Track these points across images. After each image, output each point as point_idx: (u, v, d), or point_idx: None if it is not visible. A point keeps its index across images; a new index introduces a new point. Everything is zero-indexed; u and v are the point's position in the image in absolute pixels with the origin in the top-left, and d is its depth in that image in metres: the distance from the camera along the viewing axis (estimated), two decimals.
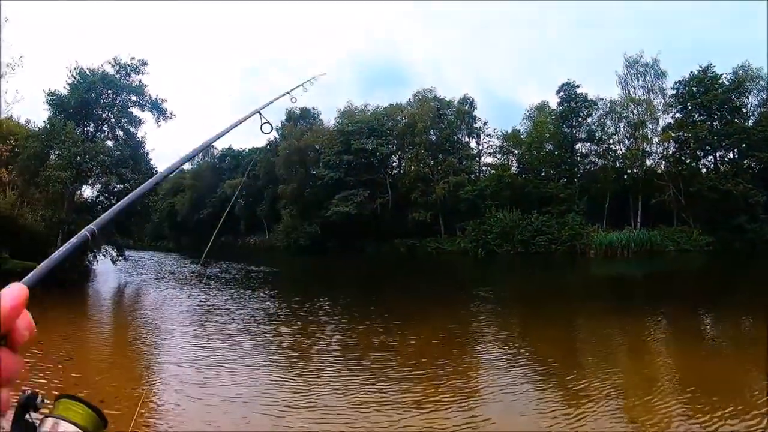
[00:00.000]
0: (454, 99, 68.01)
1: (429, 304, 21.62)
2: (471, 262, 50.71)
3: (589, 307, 20.92)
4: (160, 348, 13.49)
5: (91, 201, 31.47)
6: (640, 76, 58.61)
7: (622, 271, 38.94)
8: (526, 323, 17.74)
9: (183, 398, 8.66)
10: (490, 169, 70.17)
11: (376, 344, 13.15)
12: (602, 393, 8.96)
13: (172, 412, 8.11)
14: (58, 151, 27.92)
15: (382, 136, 66.32)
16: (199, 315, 18.14)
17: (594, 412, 8.10)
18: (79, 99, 29.85)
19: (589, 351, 12.76)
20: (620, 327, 15.93)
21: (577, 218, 54.34)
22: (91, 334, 15.91)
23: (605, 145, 60.73)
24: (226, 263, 42.02)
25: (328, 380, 9.80)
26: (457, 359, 11.83)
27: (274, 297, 22.71)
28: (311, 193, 69.63)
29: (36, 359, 11.24)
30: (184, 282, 28.61)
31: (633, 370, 11.04)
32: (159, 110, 32.48)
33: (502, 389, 9.32)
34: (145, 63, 32.13)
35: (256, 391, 9.08)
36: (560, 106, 61.76)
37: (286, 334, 14.45)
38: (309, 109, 79.72)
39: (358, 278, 36.32)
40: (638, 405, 8.43)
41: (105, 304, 23.08)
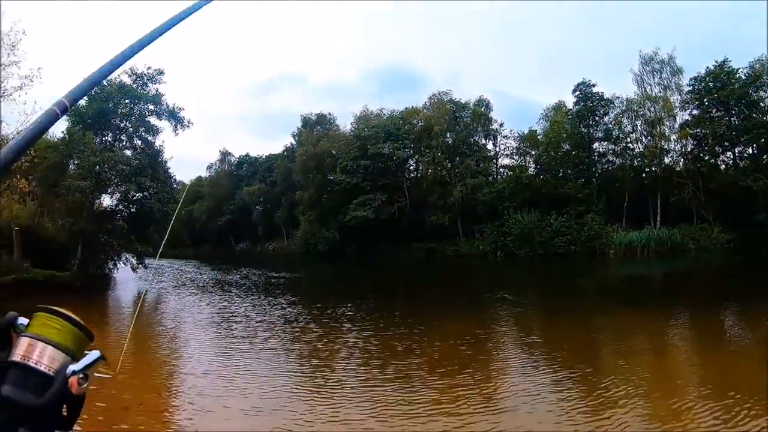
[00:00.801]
0: (470, 101, 67.63)
1: (451, 308, 21.52)
2: (490, 265, 50.51)
3: (611, 307, 20.81)
4: (179, 357, 13.52)
5: (111, 209, 31.70)
6: (656, 73, 57.81)
7: (642, 271, 38.64)
8: (548, 325, 17.63)
9: (200, 410, 8.61)
10: (507, 170, 69.73)
11: (399, 350, 13.06)
12: (627, 394, 8.87)
13: (188, 425, 8.08)
14: (77, 160, 28.21)
15: (399, 140, 66.16)
16: (219, 322, 18.12)
17: (619, 414, 8.00)
18: (97, 109, 30.15)
19: (612, 352, 12.66)
20: (642, 327, 15.79)
21: (596, 218, 53.84)
22: (110, 342, 15.97)
23: (623, 143, 60.06)
24: (246, 269, 42.13)
25: (351, 390, 9.66)
26: (481, 364, 11.78)
27: (294, 303, 22.69)
28: (329, 198, 69.62)
29: None
30: (204, 289, 28.67)
31: (657, 371, 10.95)
32: (176, 119, 32.77)
33: (527, 393, 9.23)
34: (161, 72, 32.44)
35: (275, 403, 8.96)
36: (576, 105, 61.13)
37: (307, 341, 14.38)
38: (325, 115, 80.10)
39: (378, 283, 36.29)
40: (663, 406, 8.33)
41: (125, 312, 23.14)
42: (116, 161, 28.70)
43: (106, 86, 30.48)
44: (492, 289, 27.35)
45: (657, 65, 57.77)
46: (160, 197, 30.98)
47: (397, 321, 17.61)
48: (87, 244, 28.37)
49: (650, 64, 57.91)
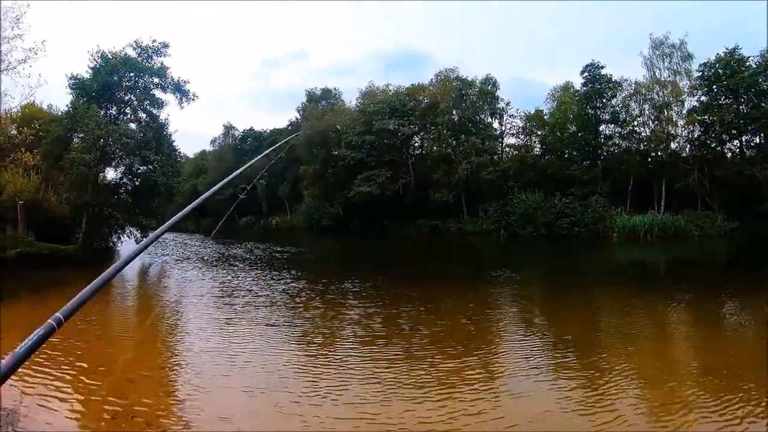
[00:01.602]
0: (477, 79, 67.41)
1: (455, 285, 21.64)
2: (494, 244, 50.51)
3: (613, 289, 20.96)
4: (182, 331, 13.52)
5: (115, 182, 31.70)
6: (666, 57, 57.08)
7: (645, 255, 38.59)
8: (551, 305, 17.69)
9: (200, 390, 8.59)
10: (512, 150, 69.73)
11: (404, 328, 13.01)
12: (626, 377, 8.91)
13: (188, 404, 8.09)
14: (81, 134, 28.18)
15: (404, 117, 65.92)
16: (221, 297, 18.16)
17: (616, 395, 8.05)
18: (101, 82, 30.09)
19: (613, 334, 12.66)
20: (644, 310, 15.80)
21: (600, 201, 53.69)
22: (115, 315, 16.04)
23: (629, 127, 59.57)
24: (250, 244, 42.22)
25: (356, 369, 9.55)
26: (486, 343, 11.81)
27: (297, 278, 22.67)
28: (333, 173, 69.74)
29: (63, 338, 11.37)
30: (207, 263, 28.75)
31: (656, 353, 10.99)
32: (181, 92, 32.64)
33: (529, 373, 9.24)
34: (166, 45, 32.33)
35: (278, 382, 8.89)
36: (584, 87, 60.77)
37: (310, 317, 14.33)
38: (330, 90, 79.85)
39: (381, 259, 36.32)
40: (660, 388, 8.37)
41: (129, 286, 23.21)
42: (121, 134, 28.61)
43: (111, 59, 30.48)
44: (496, 268, 27.38)
45: (667, 49, 57.06)
46: (165, 171, 30.91)
47: (401, 297, 17.59)
48: (91, 217, 28.40)
49: (660, 48, 57.20)
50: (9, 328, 12.77)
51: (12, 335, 11.97)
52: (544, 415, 7.49)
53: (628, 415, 7.35)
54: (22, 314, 14.91)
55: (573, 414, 7.47)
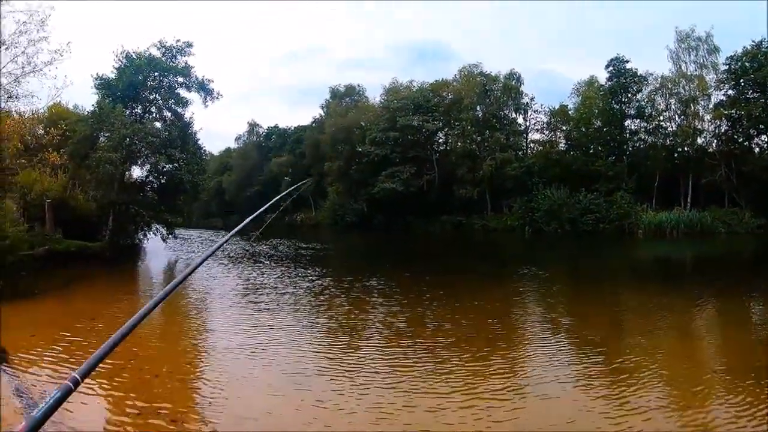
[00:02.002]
0: (501, 74, 66.86)
1: (480, 282, 21.60)
2: (518, 240, 50.45)
3: (639, 287, 20.71)
4: (207, 329, 13.66)
5: (141, 180, 32.03)
6: (692, 51, 56.30)
7: (671, 252, 38.25)
8: (576, 302, 17.58)
9: (223, 388, 8.64)
10: (537, 145, 69.49)
11: (429, 326, 13.02)
12: (653, 379, 8.79)
13: (211, 403, 8.15)
14: (107, 133, 28.46)
15: (428, 113, 65.91)
16: (245, 294, 18.28)
17: (643, 397, 7.93)
18: (126, 82, 30.43)
19: (640, 333, 12.46)
20: (670, 308, 15.61)
21: (625, 197, 53.39)
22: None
23: (655, 122, 59.03)
24: (275, 240, 42.44)
25: (379, 368, 9.49)
26: (510, 342, 11.78)
27: (322, 275, 22.72)
28: (357, 170, 69.88)
29: (92, 334, 11.55)
30: (234, 260, 28.92)
31: (683, 354, 10.85)
32: (206, 91, 32.86)
33: (553, 372, 9.14)
34: (190, 45, 32.55)
35: (301, 381, 8.86)
36: (609, 81, 60.27)
37: (334, 315, 14.38)
38: (353, 87, 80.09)
39: (406, 256, 36.35)
40: (687, 390, 8.25)
41: (155, 281, 23.49)
42: (146, 133, 28.90)
43: (135, 59, 30.81)
44: (521, 265, 27.33)
45: (693, 43, 56.28)
46: (190, 168, 31.15)
47: (426, 295, 17.53)
48: (118, 215, 28.71)
49: (686, 41, 56.44)
50: (39, 324, 13.02)
51: (41, 331, 12.21)
52: (571, 418, 7.40)
53: (656, 418, 7.27)
54: (51, 310, 15.14)
55: (599, 417, 7.38)
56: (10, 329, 12.28)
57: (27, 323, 13.06)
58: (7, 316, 13.68)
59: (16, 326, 12.63)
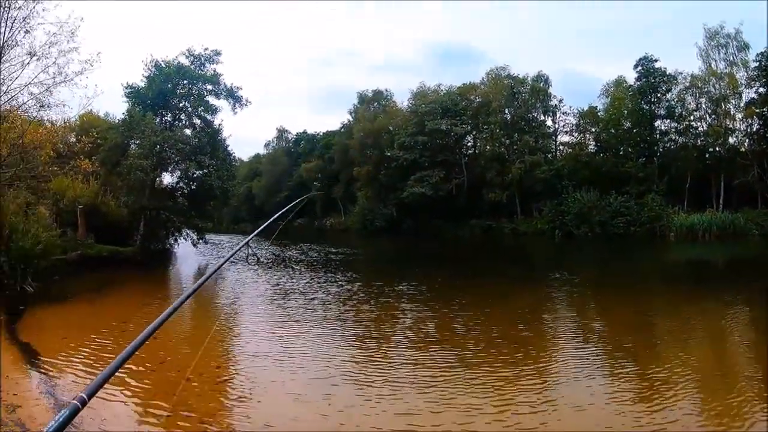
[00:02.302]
0: (528, 76, 66.53)
1: (510, 287, 21.59)
2: (548, 244, 50.15)
3: (671, 291, 20.50)
4: (237, 333, 13.75)
5: (171, 187, 32.45)
6: (722, 48, 55.25)
7: (703, 255, 37.71)
8: (608, 307, 17.31)
9: (251, 394, 8.70)
10: (566, 147, 68.81)
11: (459, 332, 12.98)
12: (686, 387, 8.64)
13: (238, 409, 8.22)
14: (138, 140, 28.96)
15: (456, 116, 65.78)
16: (274, 299, 18.39)
17: (677, 406, 7.82)
18: (156, 90, 30.99)
19: (672, 339, 12.28)
20: (703, 313, 15.45)
21: (656, 199, 52.59)
22: (173, 316, 16.43)
23: (686, 122, 58.04)
24: (306, 245, 42.63)
25: (408, 375, 9.48)
26: (541, 348, 11.63)
27: (352, 280, 22.71)
28: (386, 174, 69.94)
29: (123, 337, 11.72)
30: (264, 265, 29.08)
31: (715, 360, 10.70)
32: (234, 98, 33.23)
33: (585, 380, 9.09)
34: (218, 53, 33.00)
35: (328, 389, 8.84)
36: (638, 81, 59.47)
37: (363, 321, 14.39)
38: (381, 91, 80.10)
39: (435, 260, 36.24)
40: (720, 399, 8.13)
41: (185, 286, 23.73)
42: (176, 140, 29.33)
43: (165, 68, 31.30)
44: (551, 269, 27.19)
45: (723, 40, 55.19)
46: (220, 174, 31.52)
47: (455, 300, 17.43)
48: (149, 220, 29.12)
49: (715, 38, 55.39)
50: (71, 327, 13.25)
51: (73, 334, 12.42)
52: (603, 426, 7.30)
53: (690, 427, 7.20)
54: (83, 314, 15.39)
55: (632, 425, 7.31)
56: (44, 331, 12.56)
57: (59, 326, 13.32)
58: (41, 318, 14.00)
59: (48, 329, 12.92)
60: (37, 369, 9.64)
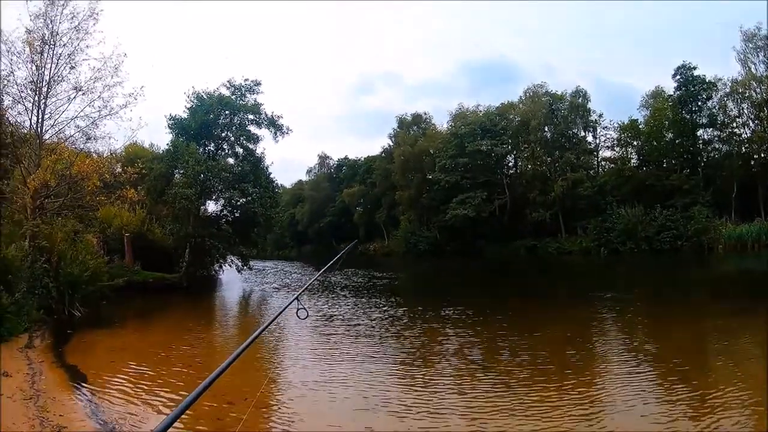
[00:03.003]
0: (567, 92, 66.48)
1: (555, 308, 21.26)
2: (594, 262, 49.48)
3: (720, 307, 19.74)
4: (282, 356, 13.85)
5: (216, 214, 33.00)
6: (760, 50, 54.01)
7: (754, 267, 36.69)
8: (656, 327, 16.57)
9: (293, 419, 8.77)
10: (608, 163, 68.04)
11: (503, 355, 12.75)
12: (734, 404, 8.46)
13: (285, 422, 8.34)
14: (182, 170, 29.59)
15: (496, 137, 65.93)
16: (319, 326, 18.38)
17: (723, 424, 7.69)
18: (199, 121, 31.73)
19: (721, 357, 11.94)
20: (755, 329, 14.85)
21: (703, 211, 51.40)
22: (217, 340, 16.68)
23: (729, 129, 56.96)
24: (349, 270, 42.73)
25: (453, 404, 9.25)
26: (587, 371, 11.29)
27: (396, 305, 22.37)
28: (428, 197, 70.35)
29: (167, 362, 11.96)
30: (308, 291, 29.10)
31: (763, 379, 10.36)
32: (276, 126, 33.73)
33: (632, 399, 8.93)
34: (258, 83, 33.75)
35: (372, 417, 8.77)
36: (677, 90, 58.61)
37: (408, 347, 14.12)
38: (420, 115, 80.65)
39: (479, 282, 36.08)
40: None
41: (230, 312, 24.06)
42: (219, 169, 29.97)
43: (206, 99, 32.01)
44: (597, 288, 26.80)
45: (761, 42, 53.82)
46: (263, 202, 31.94)
47: (500, 323, 17.31)
48: (194, 247, 29.64)
49: (753, 41, 54.19)
50: (118, 351, 13.55)
51: (120, 357, 12.72)
52: None
53: None
54: (130, 338, 15.71)
55: None
56: (90, 355, 12.89)
57: (106, 350, 13.64)
58: (88, 342, 14.36)
59: (95, 352, 13.26)
60: (83, 391, 9.84)
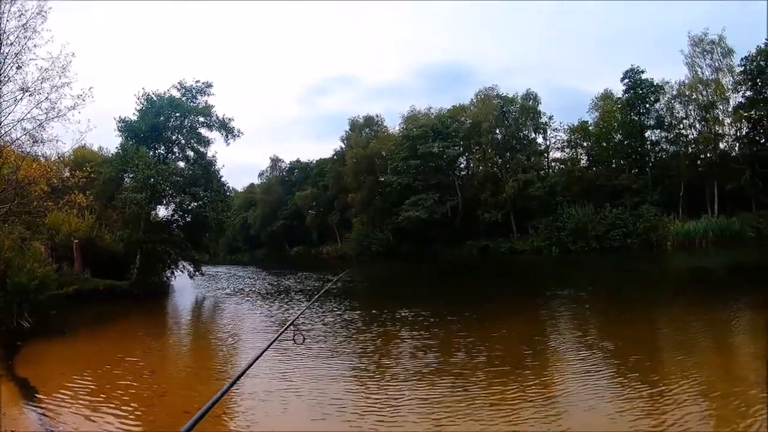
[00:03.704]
0: (518, 95, 67.20)
1: (509, 306, 21.25)
2: (546, 261, 50.17)
3: (670, 301, 20.19)
4: (237, 362, 13.62)
5: (167, 219, 32.33)
6: (707, 54, 55.74)
7: (702, 263, 37.54)
8: (608, 322, 16.80)
9: (255, 416, 8.65)
10: (559, 164, 69.36)
11: (459, 353, 12.62)
12: (688, 394, 8.53)
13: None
14: (132, 174, 28.95)
15: (448, 139, 66.30)
16: (275, 330, 18.13)
17: (679, 415, 7.73)
18: (148, 124, 30.88)
19: (673, 349, 12.11)
20: (707, 322, 15.17)
21: (651, 209, 52.62)
22: (171, 348, 16.33)
23: (675, 130, 58.53)
24: (303, 273, 42.47)
25: (409, 402, 9.14)
26: (542, 365, 11.33)
27: (350, 308, 22.14)
28: (381, 199, 70.52)
29: (118, 373, 11.63)
30: (262, 296, 28.87)
31: (719, 368, 10.52)
32: (227, 129, 33.06)
33: (587, 396, 8.85)
34: (210, 85, 33.01)
35: (328, 414, 8.79)
36: (626, 93, 60.12)
37: (363, 349, 13.90)
38: (372, 117, 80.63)
39: (433, 283, 36.13)
40: (723, 405, 8.02)
41: (183, 319, 23.63)
42: (170, 173, 29.31)
43: (156, 101, 31.34)
44: (549, 286, 27.08)
45: (707, 46, 55.65)
46: (215, 206, 31.41)
47: (456, 323, 17.16)
48: (145, 253, 29.06)
49: (700, 45, 55.89)
50: (70, 362, 13.16)
51: (71, 368, 12.34)
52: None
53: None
54: (82, 348, 15.26)
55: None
56: (41, 366, 12.48)
57: (57, 361, 13.24)
58: (38, 353, 13.92)
59: (46, 363, 12.84)
60: (35, 404, 9.50)
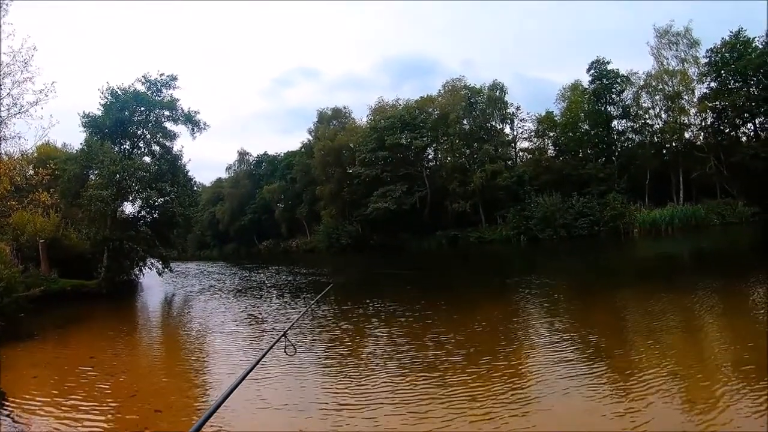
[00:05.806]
0: (485, 86, 67.36)
1: (478, 295, 21.28)
2: (514, 250, 50.41)
3: (638, 287, 20.47)
4: (209, 358, 13.46)
5: (133, 216, 31.84)
6: (673, 45, 56.74)
7: (668, 249, 38.04)
8: (577, 308, 17.14)
9: (232, 410, 8.56)
10: (526, 153, 70.13)
11: (429, 342, 12.58)
12: (659, 376, 8.63)
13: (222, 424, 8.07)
14: (97, 170, 28.41)
15: (416, 130, 66.43)
16: (247, 324, 18.06)
17: (649, 395, 7.80)
18: (113, 119, 30.36)
19: (643, 333, 12.26)
20: (671, 305, 15.39)
21: (618, 197, 53.48)
22: (141, 348, 16.08)
23: (642, 120, 59.76)
24: (272, 268, 42.23)
25: (382, 389, 9.21)
26: (513, 351, 11.39)
27: (321, 301, 22.25)
28: (349, 191, 70.37)
29: (90, 374, 11.42)
30: (233, 292, 28.61)
31: (688, 349, 10.68)
32: (193, 122, 32.71)
33: (558, 380, 8.93)
34: (174, 78, 32.54)
35: (301, 404, 8.79)
36: (592, 84, 61.03)
37: (334, 341, 13.89)
38: (340, 109, 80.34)
39: (403, 274, 36.10)
40: (694, 385, 8.14)
41: (153, 317, 23.29)
42: (136, 168, 28.84)
43: (121, 95, 30.77)
44: (518, 274, 27.26)
45: (673, 38, 56.68)
46: (182, 201, 31.06)
47: (425, 311, 17.18)
48: (112, 251, 28.59)
49: (666, 37, 56.83)
50: (40, 366, 12.89)
51: (42, 373, 12.10)
52: (579, 425, 7.24)
53: (660, 417, 7.18)
54: (51, 351, 14.97)
55: (608, 421, 7.26)
56: (11, 371, 12.19)
57: (27, 365, 12.94)
58: (7, 358, 13.59)
59: (16, 368, 12.53)
60: (5, 412, 9.27)
